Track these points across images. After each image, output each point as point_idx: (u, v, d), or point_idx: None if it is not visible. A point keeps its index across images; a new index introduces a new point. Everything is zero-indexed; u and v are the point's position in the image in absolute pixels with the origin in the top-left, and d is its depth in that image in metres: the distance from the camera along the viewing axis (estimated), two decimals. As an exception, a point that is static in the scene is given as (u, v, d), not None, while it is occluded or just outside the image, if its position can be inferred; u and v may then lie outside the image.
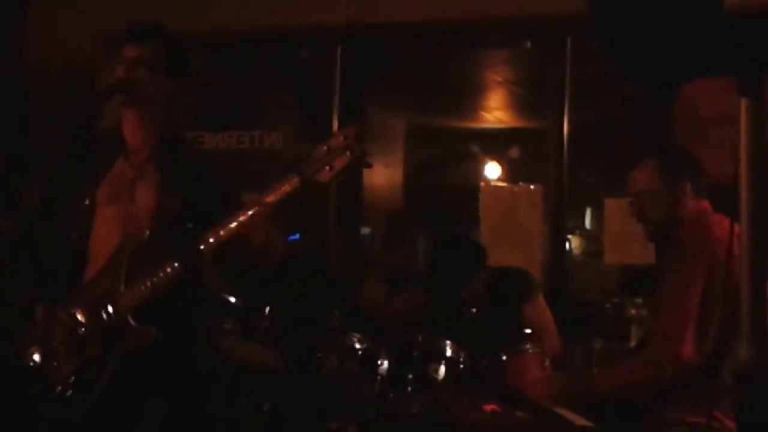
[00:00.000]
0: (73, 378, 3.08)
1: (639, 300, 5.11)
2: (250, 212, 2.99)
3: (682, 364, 3.14)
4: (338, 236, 6.86)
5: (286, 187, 2.98)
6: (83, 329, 3.09)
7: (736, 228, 1.73)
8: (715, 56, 1.65)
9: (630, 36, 1.73)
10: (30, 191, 3.37)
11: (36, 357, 3.11)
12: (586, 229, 7.62)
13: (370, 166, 3.07)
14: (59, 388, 3.09)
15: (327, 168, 2.95)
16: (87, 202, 3.24)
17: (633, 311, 5.16)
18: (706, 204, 3.44)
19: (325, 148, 2.96)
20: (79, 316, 3.10)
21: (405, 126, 8.61)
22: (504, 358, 3.93)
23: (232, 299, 4.88)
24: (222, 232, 3.01)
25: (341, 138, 2.97)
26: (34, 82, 6.53)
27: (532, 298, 4.78)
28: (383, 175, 8.16)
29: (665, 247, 3.49)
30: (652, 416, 3.30)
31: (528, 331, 4.45)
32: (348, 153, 2.95)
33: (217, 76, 7.22)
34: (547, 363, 3.89)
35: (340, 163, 2.95)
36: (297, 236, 6.90)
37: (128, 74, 3.21)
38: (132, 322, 3.05)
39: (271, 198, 2.99)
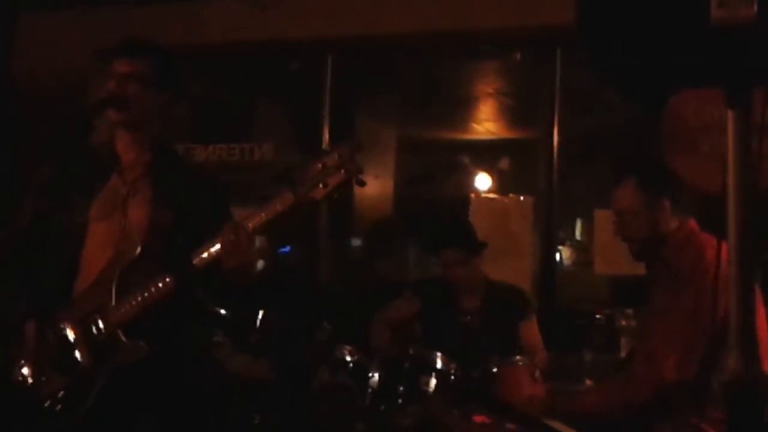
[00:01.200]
0: (62, 393, 3.07)
1: (629, 311, 5.10)
2: (226, 237, 3.00)
3: (664, 385, 3.15)
4: (329, 247, 6.86)
5: (280, 205, 2.98)
6: (73, 344, 3.08)
7: (724, 247, 1.73)
8: (702, 68, 1.66)
9: (618, 47, 1.74)
10: (22, 205, 3.36)
11: (25, 371, 3.10)
12: (576, 240, 7.63)
13: (364, 184, 3.06)
14: (48, 402, 3.08)
15: (320, 186, 2.95)
16: (80, 217, 3.23)
17: (623, 322, 5.15)
18: (692, 223, 3.45)
19: (319, 165, 2.96)
20: (69, 331, 3.09)
21: (396, 137, 8.62)
22: (495, 369, 3.93)
23: (223, 311, 4.87)
24: (206, 254, 3.01)
25: (336, 156, 2.97)
26: (24, 96, 6.52)
27: (528, 318, 4.80)
28: (374, 187, 8.15)
29: (654, 265, 3.50)
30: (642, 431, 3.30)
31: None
32: (342, 171, 2.95)
33: (208, 89, 7.23)
34: (537, 374, 3.90)
35: (333, 181, 2.96)
36: (288, 248, 6.91)
37: (120, 89, 3.20)
38: (122, 337, 3.05)
39: (263, 215, 2.99)
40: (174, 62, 3.41)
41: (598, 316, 5.55)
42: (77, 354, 3.07)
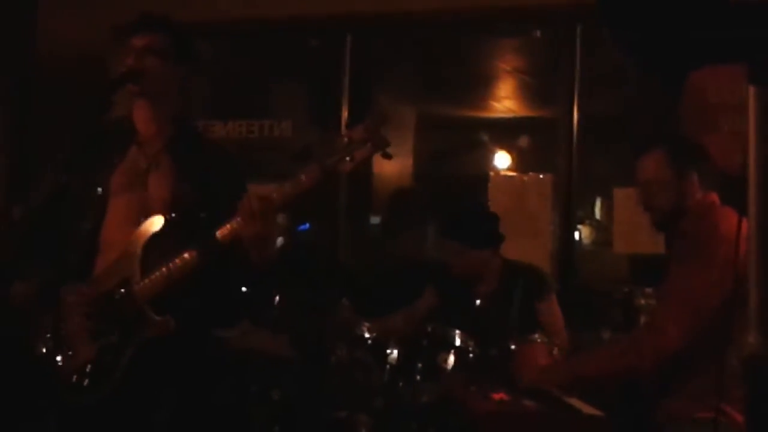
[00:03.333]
0: (89, 367, 3.09)
1: (648, 290, 5.09)
2: (242, 207, 3.00)
3: (664, 352, 3.14)
4: (348, 225, 6.86)
5: (306, 178, 2.99)
6: (100, 318, 3.10)
7: (744, 223, 1.72)
8: (724, 43, 1.65)
9: (639, 24, 1.73)
10: (42, 180, 3.38)
11: (50, 346, 3.12)
12: (595, 219, 7.60)
13: (390, 157, 3.06)
14: (75, 377, 3.09)
15: (347, 159, 2.96)
16: (100, 191, 3.24)
17: (642, 301, 5.14)
18: (714, 197, 3.43)
19: (345, 139, 2.97)
20: (95, 305, 3.11)
21: (415, 115, 8.59)
22: (513, 347, 3.93)
23: (243, 289, 4.88)
24: (230, 227, 3.02)
25: (362, 129, 2.98)
26: (45, 73, 6.53)
27: (546, 297, 4.77)
28: (393, 164, 8.13)
29: (673, 237, 3.49)
30: (657, 407, 3.30)
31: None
32: (369, 144, 2.96)
33: (227, 66, 7.22)
34: (555, 352, 3.89)
35: (360, 154, 2.96)
36: (307, 226, 6.92)
37: (138, 63, 3.22)
38: (150, 312, 3.06)
39: (290, 188, 2.99)
40: (190, 37, 3.42)
41: (616, 295, 5.54)
42: (104, 328, 3.09)
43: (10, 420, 4.00)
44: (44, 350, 3.14)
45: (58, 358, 3.10)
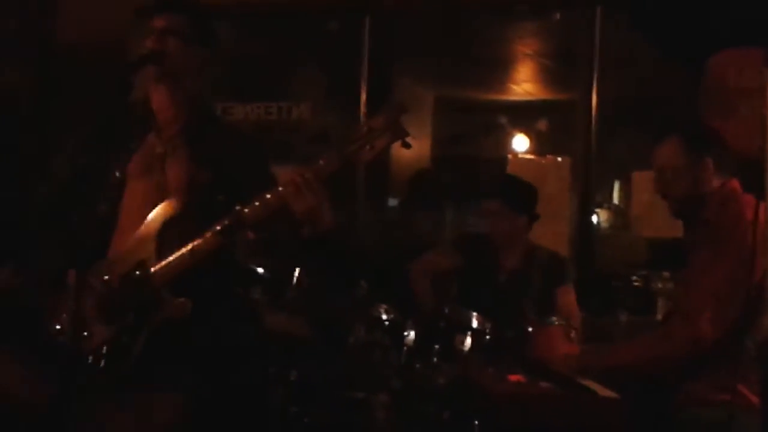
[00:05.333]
0: (105, 348, 3.11)
1: (666, 273, 5.10)
2: (288, 185, 3.01)
3: (699, 342, 3.15)
4: (366, 208, 6.88)
5: (326, 166, 3.01)
6: (115, 299, 3.11)
7: (762, 208, 1.73)
8: (743, 27, 1.65)
9: (659, 7, 1.73)
10: (60, 162, 3.39)
11: (66, 325, 3.14)
12: (613, 203, 7.59)
13: (410, 146, 3.08)
14: (91, 357, 3.12)
15: (368, 147, 2.98)
16: (117, 175, 3.26)
17: (660, 285, 5.15)
18: (735, 183, 3.43)
19: (366, 128, 2.99)
20: (111, 286, 3.12)
21: (433, 98, 8.58)
22: (530, 329, 3.95)
23: (260, 270, 4.90)
24: (259, 205, 3.03)
25: (382, 118, 2.99)
26: (65, 57, 6.56)
27: (565, 284, 4.78)
28: (411, 148, 8.13)
29: (694, 225, 3.49)
30: (676, 391, 3.31)
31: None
32: (389, 134, 2.98)
33: (246, 48, 7.23)
34: (573, 335, 3.90)
35: (380, 143, 2.99)
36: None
37: (158, 44, 3.22)
38: (166, 294, 3.08)
39: (309, 174, 3.00)
40: (211, 18, 3.42)
41: (634, 278, 5.55)
42: (120, 309, 3.11)
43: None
44: (61, 330, 3.16)
45: (75, 338, 3.12)
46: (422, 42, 7.46)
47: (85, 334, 3.11)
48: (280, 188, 3.02)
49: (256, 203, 3.03)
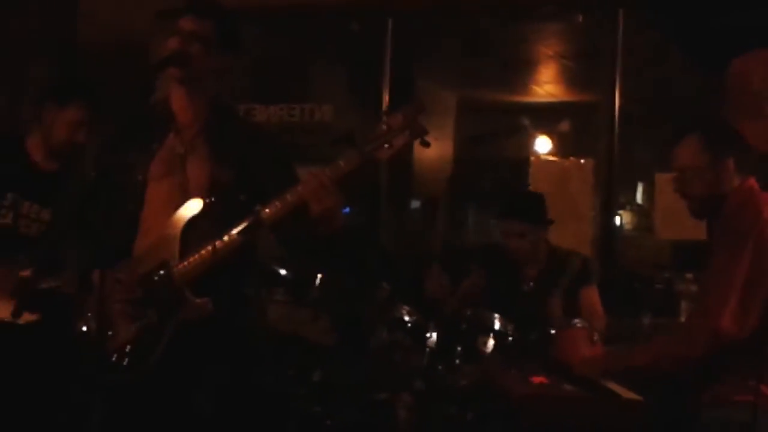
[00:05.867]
0: (129, 347, 3.13)
1: (689, 275, 5.08)
2: (308, 185, 3.02)
3: (718, 339, 3.13)
4: (389, 209, 6.89)
5: (345, 165, 3.01)
6: (139, 300, 3.13)
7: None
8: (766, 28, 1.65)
9: (682, 8, 1.73)
10: (83, 164, 3.41)
11: (91, 325, 3.17)
12: (637, 204, 7.58)
13: (428, 144, 3.07)
14: (115, 356, 3.14)
15: (386, 146, 2.98)
16: (140, 177, 3.27)
17: (683, 286, 5.13)
18: (752, 182, 3.41)
19: (384, 126, 2.99)
20: (135, 287, 3.14)
21: (455, 99, 8.59)
22: (553, 331, 3.94)
23: (282, 271, 4.92)
24: (279, 204, 3.04)
25: (400, 117, 2.99)
26: (86, 59, 6.59)
27: (588, 284, 4.77)
28: (434, 149, 8.10)
29: (714, 224, 3.48)
30: (700, 392, 3.30)
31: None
32: (407, 132, 2.98)
33: (268, 49, 7.25)
34: (596, 337, 3.90)
35: (399, 141, 2.98)
36: (347, 210, 6.94)
37: (183, 47, 3.22)
38: (188, 294, 3.09)
39: (329, 173, 3.01)
40: (237, 24, 3.43)
41: (657, 280, 5.53)
42: (143, 310, 3.13)
43: (58, 398, 4.06)
44: (86, 330, 3.18)
45: (100, 338, 3.14)
46: (444, 43, 7.46)
47: (110, 333, 3.14)
48: (299, 188, 3.03)
49: (277, 203, 3.04)
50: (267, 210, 3.04)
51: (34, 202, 4.09)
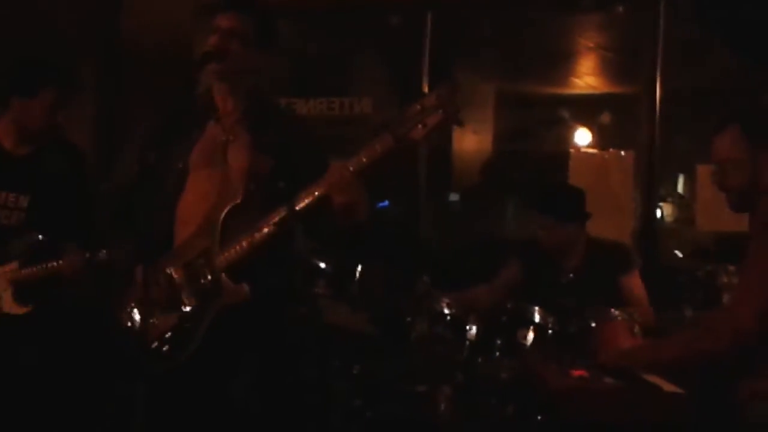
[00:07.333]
0: (169, 334, 3.17)
1: (731, 267, 5.03)
2: (331, 177, 3.04)
3: (740, 336, 3.10)
4: (428, 202, 6.89)
5: (380, 146, 3.02)
6: (180, 288, 3.17)
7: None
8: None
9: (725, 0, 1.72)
10: (127, 156, 3.45)
11: (134, 315, 3.21)
12: (678, 196, 7.52)
13: (461, 124, 3.07)
14: (156, 344, 3.18)
15: (420, 126, 2.98)
16: (181, 165, 3.31)
17: (725, 279, 5.08)
18: None
19: (418, 106, 2.99)
20: (176, 275, 3.18)
21: (495, 92, 8.56)
22: (593, 324, 3.92)
23: (323, 265, 4.93)
24: (309, 196, 3.06)
25: (434, 96, 2.99)
26: (130, 54, 6.63)
27: (630, 273, 4.75)
28: (473, 142, 8.14)
29: (752, 217, 3.44)
30: (741, 386, 3.27)
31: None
32: (441, 111, 2.97)
33: (308, 43, 7.27)
34: (636, 330, 3.88)
35: (432, 121, 2.98)
36: (386, 203, 6.96)
37: (222, 43, 3.26)
38: (226, 280, 3.12)
39: (363, 158, 3.02)
40: (274, 21, 3.45)
41: (699, 272, 5.48)
42: (184, 297, 3.16)
43: (102, 385, 4.12)
44: (129, 320, 3.22)
45: (142, 327, 3.18)
46: (483, 36, 7.44)
47: (152, 321, 3.18)
48: (323, 181, 3.05)
49: (307, 195, 3.06)
50: (298, 202, 3.06)
51: (10, 191, 4.10)
